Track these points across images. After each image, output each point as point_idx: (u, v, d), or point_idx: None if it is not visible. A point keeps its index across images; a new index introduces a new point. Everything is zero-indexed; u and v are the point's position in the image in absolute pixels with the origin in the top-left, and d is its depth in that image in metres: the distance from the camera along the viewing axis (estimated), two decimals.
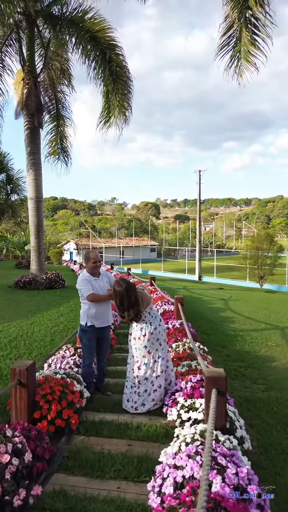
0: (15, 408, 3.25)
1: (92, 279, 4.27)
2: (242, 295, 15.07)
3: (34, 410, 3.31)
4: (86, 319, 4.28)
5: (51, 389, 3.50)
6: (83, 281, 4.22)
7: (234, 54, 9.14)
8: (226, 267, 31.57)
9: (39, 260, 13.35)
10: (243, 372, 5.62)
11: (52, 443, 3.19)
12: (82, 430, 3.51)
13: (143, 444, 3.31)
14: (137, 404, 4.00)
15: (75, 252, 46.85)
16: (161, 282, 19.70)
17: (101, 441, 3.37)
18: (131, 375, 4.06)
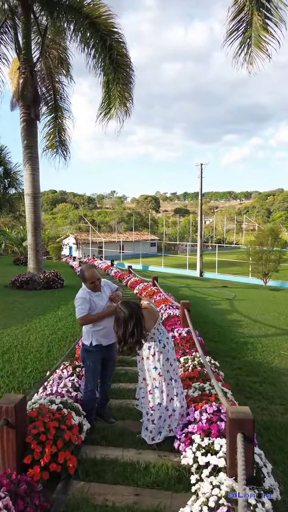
0: (1, 453, 2.74)
1: (93, 295, 3.75)
2: (247, 294, 14.57)
3: (24, 454, 2.81)
4: (90, 338, 3.77)
5: (45, 426, 2.99)
6: (80, 299, 3.69)
7: (244, 40, 8.54)
8: (228, 263, 31.09)
9: (36, 259, 12.81)
10: (258, 389, 5.12)
11: (46, 492, 2.71)
12: (81, 474, 3.01)
13: (153, 493, 2.82)
14: (154, 434, 3.51)
15: (75, 247, 46.31)
16: (162, 279, 19.19)
17: (103, 488, 2.87)
18: (145, 401, 3.57)
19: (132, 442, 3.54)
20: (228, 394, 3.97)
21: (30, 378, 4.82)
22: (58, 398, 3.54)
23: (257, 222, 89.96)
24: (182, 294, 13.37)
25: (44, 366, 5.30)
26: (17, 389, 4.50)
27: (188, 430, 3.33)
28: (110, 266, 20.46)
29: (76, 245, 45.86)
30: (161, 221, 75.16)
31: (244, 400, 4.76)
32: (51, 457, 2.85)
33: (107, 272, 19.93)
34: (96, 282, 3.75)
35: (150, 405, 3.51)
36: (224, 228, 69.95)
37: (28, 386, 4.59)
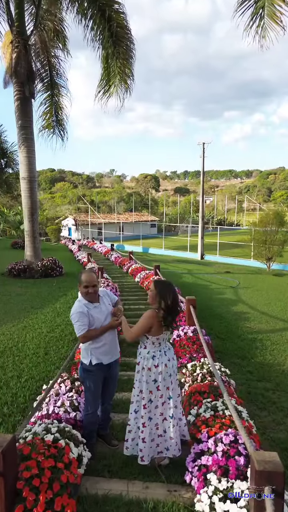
0: None
1: (91, 308, 3.30)
2: (251, 281, 14.18)
3: (15, 503, 2.43)
4: (89, 356, 3.34)
5: (39, 466, 2.60)
6: (77, 314, 3.23)
7: (256, 11, 7.79)
8: (229, 245, 30.60)
9: (33, 246, 12.33)
10: (271, 398, 4.76)
11: None
12: None
13: None
14: (144, 454, 3.15)
15: (74, 228, 45.67)
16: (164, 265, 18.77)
17: None
18: (138, 415, 3.20)
19: (137, 472, 3.18)
20: (243, 414, 3.59)
21: (25, 390, 4.44)
22: (55, 423, 3.15)
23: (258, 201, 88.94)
24: (184, 282, 12.97)
25: (40, 373, 4.91)
26: (11, 403, 4.12)
27: (202, 463, 2.95)
28: (110, 251, 19.98)
29: (75, 227, 45.20)
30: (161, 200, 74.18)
31: (257, 412, 4.41)
32: (46, 505, 2.47)
33: (107, 257, 19.49)
34: (90, 289, 3.29)
35: (142, 421, 3.15)
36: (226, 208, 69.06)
37: (23, 399, 4.21)
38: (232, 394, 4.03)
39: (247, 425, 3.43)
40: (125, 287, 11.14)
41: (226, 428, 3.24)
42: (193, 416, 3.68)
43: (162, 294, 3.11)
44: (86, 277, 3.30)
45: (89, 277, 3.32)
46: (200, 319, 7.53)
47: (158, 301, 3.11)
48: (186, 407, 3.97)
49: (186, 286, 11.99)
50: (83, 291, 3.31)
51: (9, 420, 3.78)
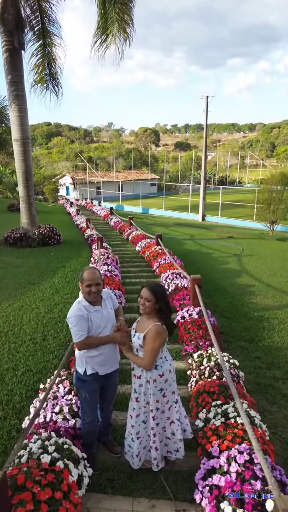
0: None
1: (91, 311, 2.91)
2: (255, 247, 13.77)
3: None
4: (84, 365, 3.00)
5: (34, 500, 2.34)
6: (75, 317, 2.85)
7: None
8: (231, 205, 29.89)
9: (29, 213, 11.78)
10: (281, 389, 4.51)
11: None
12: None
13: None
14: (158, 460, 3.03)
15: (72, 187, 44.52)
16: (165, 230, 18.29)
17: None
18: (147, 426, 3.01)
19: (143, 487, 2.96)
20: (256, 420, 3.33)
21: (21, 385, 4.17)
22: (52, 439, 2.88)
23: (260, 157, 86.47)
24: (187, 250, 12.57)
25: (38, 364, 4.64)
26: (6, 403, 3.86)
27: (213, 483, 2.70)
28: (110, 215, 19.37)
29: (73, 185, 44.03)
30: (161, 156, 72.02)
31: (267, 407, 4.18)
32: None
33: (106, 221, 18.94)
34: (93, 288, 2.91)
35: (152, 432, 2.96)
36: (228, 164, 67.20)
37: (19, 398, 3.95)
38: (243, 395, 3.76)
39: (261, 434, 3.19)
40: (125, 257, 10.76)
41: (239, 440, 2.98)
42: (201, 421, 3.43)
43: (161, 300, 2.89)
44: (89, 275, 2.91)
45: (92, 274, 2.93)
46: (204, 294, 7.22)
47: (159, 309, 2.89)
48: (194, 408, 3.72)
49: (189, 255, 11.60)
50: (86, 291, 2.91)
51: (4, 425, 3.53)
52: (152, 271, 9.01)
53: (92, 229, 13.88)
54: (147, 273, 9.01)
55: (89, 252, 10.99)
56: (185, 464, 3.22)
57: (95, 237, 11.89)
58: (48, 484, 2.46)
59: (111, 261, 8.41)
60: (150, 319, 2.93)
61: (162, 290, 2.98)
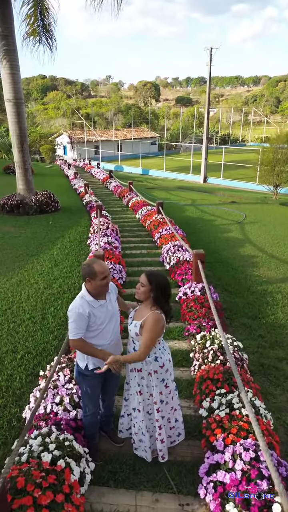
0: None
1: (95, 306, 2.73)
2: (258, 213, 13.44)
3: None
4: (85, 360, 2.87)
5: (35, 504, 2.28)
6: (75, 314, 2.66)
7: None
8: (234, 166, 29.04)
9: (25, 179, 11.34)
10: (285, 370, 4.45)
11: None
12: None
13: None
14: (163, 452, 3.00)
15: (69, 147, 43.11)
16: (166, 194, 17.81)
17: None
18: (153, 417, 2.95)
19: (146, 479, 2.93)
20: (261, 409, 3.26)
21: (21, 369, 4.10)
22: (53, 435, 2.81)
23: (265, 113, 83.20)
24: (188, 217, 12.25)
25: (37, 345, 4.55)
26: (6, 390, 3.79)
27: (217, 479, 2.65)
28: (109, 178, 18.77)
29: (70, 145, 42.59)
30: (161, 112, 69.33)
31: (271, 390, 4.13)
32: None
33: (105, 185, 18.39)
34: (108, 278, 2.73)
35: (158, 424, 2.91)
36: (231, 120, 64.77)
37: (19, 384, 3.88)
38: (248, 381, 3.68)
39: (266, 425, 3.13)
40: (125, 225, 10.48)
41: (245, 434, 2.92)
42: (205, 411, 3.37)
43: (157, 290, 2.74)
44: (101, 267, 2.69)
45: (103, 265, 2.72)
46: (206, 266, 7.07)
47: (155, 296, 2.74)
48: (197, 395, 3.65)
49: (191, 223, 11.32)
50: (101, 284, 2.69)
51: (4, 414, 3.47)
52: (153, 242, 8.78)
53: (90, 195, 13.47)
54: (148, 244, 8.79)
55: (88, 220, 10.70)
56: (188, 454, 3.19)
57: (93, 203, 11.56)
58: (49, 487, 2.39)
59: (110, 232, 8.17)
60: (147, 307, 2.81)
61: (161, 280, 2.78)
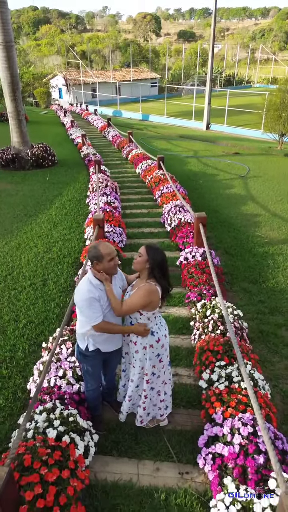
0: None
1: (102, 289, 2.70)
2: (261, 166, 13.00)
3: None
4: (86, 341, 2.88)
5: (42, 481, 2.40)
6: (88, 300, 2.63)
7: None
8: (238, 111, 27.65)
9: (20, 130, 10.80)
10: (283, 337, 4.53)
11: None
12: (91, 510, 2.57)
13: None
14: (142, 418, 3.15)
15: (64, 89, 40.78)
16: (167, 144, 17.12)
17: None
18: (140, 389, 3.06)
19: (147, 448, 3.07)
20: (259, 381, 3.35)
21: (24, 339, 4.16)
22: (57, 410, 2.90)
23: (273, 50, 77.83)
24: (190, 171, 11.86)
25: (39, 314, 4.58)
26: (10, 360, 3.87)
27: (216, 451, 2.78)
28: (107, 127, 17.92)
29: (65, 87, 40.25)
30: (162, 49, 64.82)
31: (269, 357, 4.23)
32: None
33: (104, 135, 17.59)
34: (115, 260, 2.70)
35: (144, 394, 3.02)
36: (237, 58, 60.77)
37: (22, 354, 3.95)
38: (247, 352, 3.74)
39: (263, 396, 3.22)
40: (125, 181, 10.16)
41: (243, 407, 3.01)
42: (205, 382, 3.46)
43: (155, 260, 2.71)
44: (107, 249, 2.66)
45: (109, 247, 2.68)
46: (208, 227, 6.97)
47: (150, 268, 2.71)
48: (197, 366, 3.74)
49: (192, 178, 10.97)
50: (109, 266, 2.67)
51: (9, 385, 3.57)
52: (154, 200, 8.56)
53: (88, 146, 12.93)
54: (148, 202, 8.57)
55: (86, 176, 10.37)
56: (188, 423, 3.32)
57: (91, 157, 11.13)
58: (55, 463, 2.50)
59: (110, 190, 7.93)
60: (143, 280, 2.80)
61: (158, 253, 2.74)
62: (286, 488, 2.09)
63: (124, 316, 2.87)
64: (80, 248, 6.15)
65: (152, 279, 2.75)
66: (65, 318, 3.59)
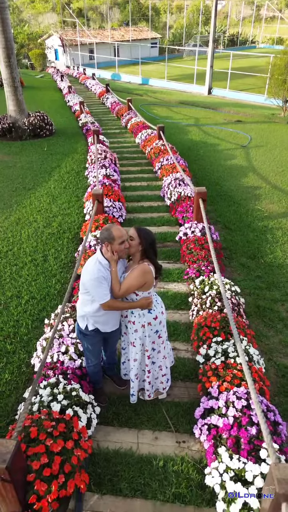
0: (2, 502, 2.39)
1: (108, 269, 2.79)
2: (264, 135, 12.70)
3: (28, 492, 2.46)
4: (85, 320, 2.98)
5: (48, 452, 2.56)
6: (97, 279, 2.72)
7: None
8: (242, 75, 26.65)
9: (16, 98, 10.49)
10: (280, 312, 4.64)
11: None
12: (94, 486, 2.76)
13: (174, 511, 2.62)
14: (149, 391, 3.33)
15: (61, 50, 39.05)
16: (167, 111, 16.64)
17: (120, 505, 2.66)
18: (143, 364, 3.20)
19: (147, 419, 3.25)
20: (254, 356, 3.49)
21: (27, 315, 4.27)
22: (61, 385, 3.05)
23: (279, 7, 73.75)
24: (190, 141, 11.61)
25: (41, 290, 4.67)
26: (14, 336, 4.00)
27: (211, 422, 2.95)
28: (106, 93, 17.34)
29: (62, 48, 38.52)
30: (162, 6, 61.49)
31: (265, 331, 4.36)
32: (59, 488, 2.52)
33: (102, 101, 17.05)
34: (126, 243, 2.78)
35: (147, 369, 3.17)
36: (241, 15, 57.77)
37: (25, 330, 4.07)
38: (243, 328, 3.86)
39: (258, 371, 3.37)
40: (124, 152, 9.97)
41: (238, 381, 3.16)
42: (202, 357, 3.60)
43: (147, 240, 2.81)
44: (119, 232, 2.73)
45: (122, 231, 2.76)
46: (208, 201, 6.96)
47: (144, 249, 2.82)
48: (195, 341, 3.86)
49: (193, 148, 10.76)
50: (119, 248, 2.74)
51: (14, 360, 3.72)
52: (154, 172, 8.46)
53: (86, 114, 12.59)
54: (147, 174, 8.47)
55: (84, 146, 10.17)
56: (185, 396, 3.48)
57: (90, 126, 10.88)
58: (59, 436, 2.66)
59: (109, 162, 7.82)
60: (136, 262, 2.89)
61: (149, 235, 2.84)
62: (276, 458, 2.25)
63: (122, 298, 2.95)
64: (79, 223, 6.16)
65: (145, 260, 2.84)
66: (66, 295, 3.67)
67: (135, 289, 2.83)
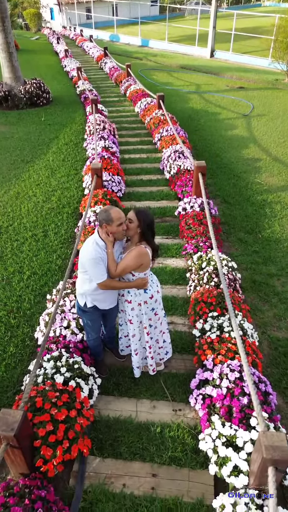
0: (12, 465, 2.59)
1: (105, 251, 2.86)
2: (266, 102, 12.36)
3: (35, 455, 2.66)
4: (84, 298, 3.10)
5: (52, 420, 2.75)
6: (93, 260, 2.80)
7: None
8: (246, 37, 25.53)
9: (11, 64, 10.14)
10: (275, 287, 4.76)
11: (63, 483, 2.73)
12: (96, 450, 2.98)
13: (170, 473, 2.84)
14: (153, 366, 3.50)
15: (56, 9, 37.10)
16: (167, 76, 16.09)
17: (120, 467, 2.88)
18: (143, 340, 3.34)
19: (145, 389, 3.44)
20: (248, 331, 3.64)
21: (29, 290, 4.39)
22: (64, 358, 3.21)
23: None
24: (191, 109, 11.33)
25: (42, 265, 4.77)
26: (17, 311, 4.14)
27: (206, 392, 3.13)
28: (104, 57, 16.69)
29: (58, 6, 36.59)
30: None
31: (260, 305, 4.50)
32: (63, 452, 2.73)
33: (100, 66, 16.45)
34: (124, 225, 2.84)
35: (148, 345, 3.31)
36: None
37: (28, 305, 4.21)
38: (239, 303, 3.99)
39: (251, 345, 3.53)
40: (123, 121, 9.76)
41: (232, 355, 3.32)
42: (198, 331, 3.75)
43: (145, 222, 2.84)
44: (118, 214, 2.77)
45: (121, 213, 2.80)
46: (208, 173, 6.97)
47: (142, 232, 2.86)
48: (192, 316, 4.00)
49: (194, 117, 10.52)
50: (117, 230, 2.80)
51: (18, 333, 3.87)
52: (153, 144, 8.34)
53: (84, 81, 12.20)
54: (147, 146, 8.36)
55: (83, 116, 9.96)
56: (181, 367, 3.66)
57: (88, 94, 10.59)
58: (63, 405, 2.84)
59: (107, 133, 7.71)
60: (133, 244, 2.95)
61: (148, 217, 2.87)
62: (265, 426, 2.43)
63: (118, 278, 3.03)
64: (79, 197, 6.17)
65: (143, 242, 2.90)
66: (67, 271, 3.78)
67: (131, 270, 2.91)
